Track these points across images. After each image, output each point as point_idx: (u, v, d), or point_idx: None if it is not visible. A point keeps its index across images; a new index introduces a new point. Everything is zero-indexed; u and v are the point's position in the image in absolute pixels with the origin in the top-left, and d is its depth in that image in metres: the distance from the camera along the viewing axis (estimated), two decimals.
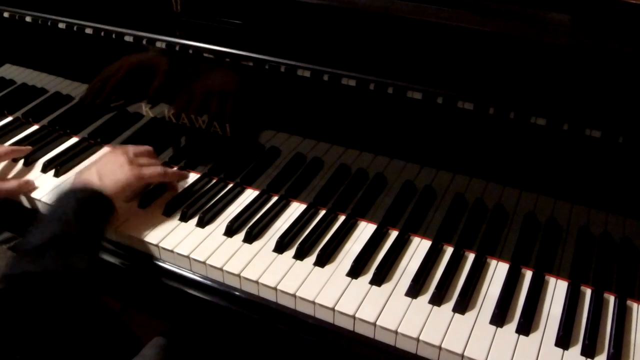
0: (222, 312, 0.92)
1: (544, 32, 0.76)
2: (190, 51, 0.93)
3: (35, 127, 1.22)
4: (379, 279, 0.85)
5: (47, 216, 0.85)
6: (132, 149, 0.98)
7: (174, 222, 0.95)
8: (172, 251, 0.90)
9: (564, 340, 0.77)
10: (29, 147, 1.11)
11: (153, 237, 0.92)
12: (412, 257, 0.90)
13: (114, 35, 0.98)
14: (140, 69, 1.01)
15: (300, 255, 0.89)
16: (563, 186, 0.80)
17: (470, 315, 0.80)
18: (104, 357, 1.03)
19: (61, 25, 1.03)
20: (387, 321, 0.79)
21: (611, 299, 0.83)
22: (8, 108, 1.24)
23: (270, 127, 0.96)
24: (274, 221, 0.96)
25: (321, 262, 0.88)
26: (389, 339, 0.79)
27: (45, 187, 1.03)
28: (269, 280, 0.85)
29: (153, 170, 0.96)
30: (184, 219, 0.96)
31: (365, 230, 0.95)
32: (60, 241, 0.80)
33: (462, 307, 0.81)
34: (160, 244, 0.91)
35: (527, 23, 0.76)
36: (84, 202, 0.85)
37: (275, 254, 0.89)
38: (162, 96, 1.02)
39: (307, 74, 0.86)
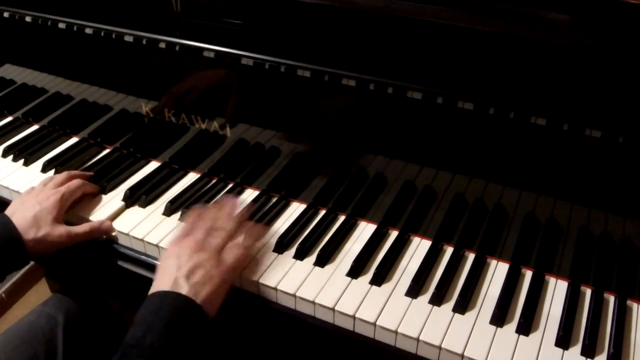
0: (221, 312, 0.92)
1: (544, 32, 0.76)
2: (191, 51, 0.93)
3: (35, 127, 1.22)
4: (379, 279, 0.85)
5: (130, 346, 0.70)
6: (200, 234, 0.82)
7: (173, 221, 0.95)
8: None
9: (564, 340, 0.77)
10: (97, 187, 1.02)
11: (154, 237, 0.92)
12: (412, 257, 0.90)
13: (114, 35, 0.98)
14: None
15: (300, 255, 0.89)
16: (563, 186, 0.80)
17: (470, 315, 0.80)
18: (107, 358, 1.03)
19: (61, 25, 1.03)
20: (387, 321, 0.79)
21: (611, 299, 0.83)
22: (8, 108, 1.25)
23: (270, 127, 0.96)
24: (274, 221, 0.96)
25: (321, 262, 0.88)
26: (389, 339, 0.79)
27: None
28: (269, 280, 0.85)
29: (235, 256, 0.82)
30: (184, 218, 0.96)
31: (365, 230, 0.95)
32: None
33: (462, 307, 0.81)
34: (160, 244, 0.91)
35: (527, 23, 0.76)
36: (178, 332, 0.72)
37: (275, 254, 0.89)
38: (160, 95, 1.02)
39: (307, 74, 0.86)
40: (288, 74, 0.87)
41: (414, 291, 0.83)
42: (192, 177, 1.07)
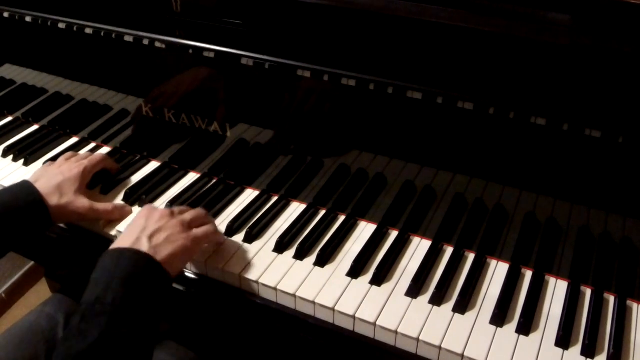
0: (222, 312, 0.92)
1: (544, 32, 0.76)
2: (190, 51, 0.93)
3: (35, 127, 1.22)
4: (379, 279, 0.85)
5: (91, 304, 0.69)
6: (175, 208, 0.87)
7: None
8: None
9: (564, 340, 0.77)
10: (119, 166, 1.07)
11: None
12: (412, 257, 0.90)
13: (114, 35, 0.98)
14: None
15: (300, 255, 0.89)
16: (563, 186, 0.80)
17: (470, 315, 0.80)
18: None
19: (61, 25, 1.03)
20: (387, 321, 0.79)
21: (611, 299, 0.83)
22: (8, 108, 1.25)
23: (269, 127, 0.96)
24: (274, 221, 0.96)
25: (321, 262, 0.88)
26: (389, 339, 0.79)
27: None
28: (269, 280, 0.85)
29: (205, 229, 0.84)
30: None
31: (365, 230, 0.95)
32: (111, 339, 0.67)
33: (462, 307, 0.81)
34: None
35: (527, 23, 0.76)
36: (139, 285, 0.71)
37: (275, 254, 0.89)
38: (161, 96, 1.02)
39: (307, 74, 0.86)
40: (288, 74, 0.87)
41: (414, 291, 0.83)
42: (192, 177, 1.07)
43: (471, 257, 0.90)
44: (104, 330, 0.67)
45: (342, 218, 0.97)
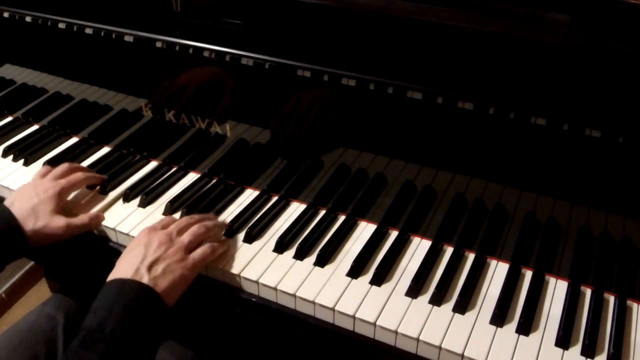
0: (222, 312, 0.92)
1: (544, 32, 0.76)
2: (190, 51, 0.93)
3: (35, 127, 1.22)
4: (379, 279, 0.85)
5: (91, 331, 0.71)
6: (174, 227, 0.86)
7: None
8: None
9: (564, 340, 0.77)
10: (104, 177, 1.03)
11: None
12: (412, 257, 0.90)
13: (114, 35, 0.98)
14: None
15: (300, 255, 0.89)
16: (563, 186, 0.80)
17: (470, 315, 0.80)
18: None
19: (61, 25, 1.03)
20: (387, 321, 0.79)
21: (611, 299, 0.83)
22: (8, 108, 1.25)
23: (269, 127, 0.96)
24: (274, 221, 0.96)
25: (321, 262, 0.88)
26: (389, 339, 0.79)
27: None
28: (269, 280, 0.85)
29: (202, 253, 0.84)
30: None
31: (365, 230, 0.95)
32: None
33: (462, 307, 0.81)
34: None
35: (527, 23, 0.76)
36: (137, 316, 0.73)
37: (275, 254, 0.89)
38: (161, 96, 1.02)
39: (307, 74, 0.86)
40: (288, 74, 0.87)
41: (414, 291, 0.83)
42: (192, 177, 1.07)
43: (471, 257, 0.90)
44: (102, 358, 0.69)
45: (342, 218, 0.97)
